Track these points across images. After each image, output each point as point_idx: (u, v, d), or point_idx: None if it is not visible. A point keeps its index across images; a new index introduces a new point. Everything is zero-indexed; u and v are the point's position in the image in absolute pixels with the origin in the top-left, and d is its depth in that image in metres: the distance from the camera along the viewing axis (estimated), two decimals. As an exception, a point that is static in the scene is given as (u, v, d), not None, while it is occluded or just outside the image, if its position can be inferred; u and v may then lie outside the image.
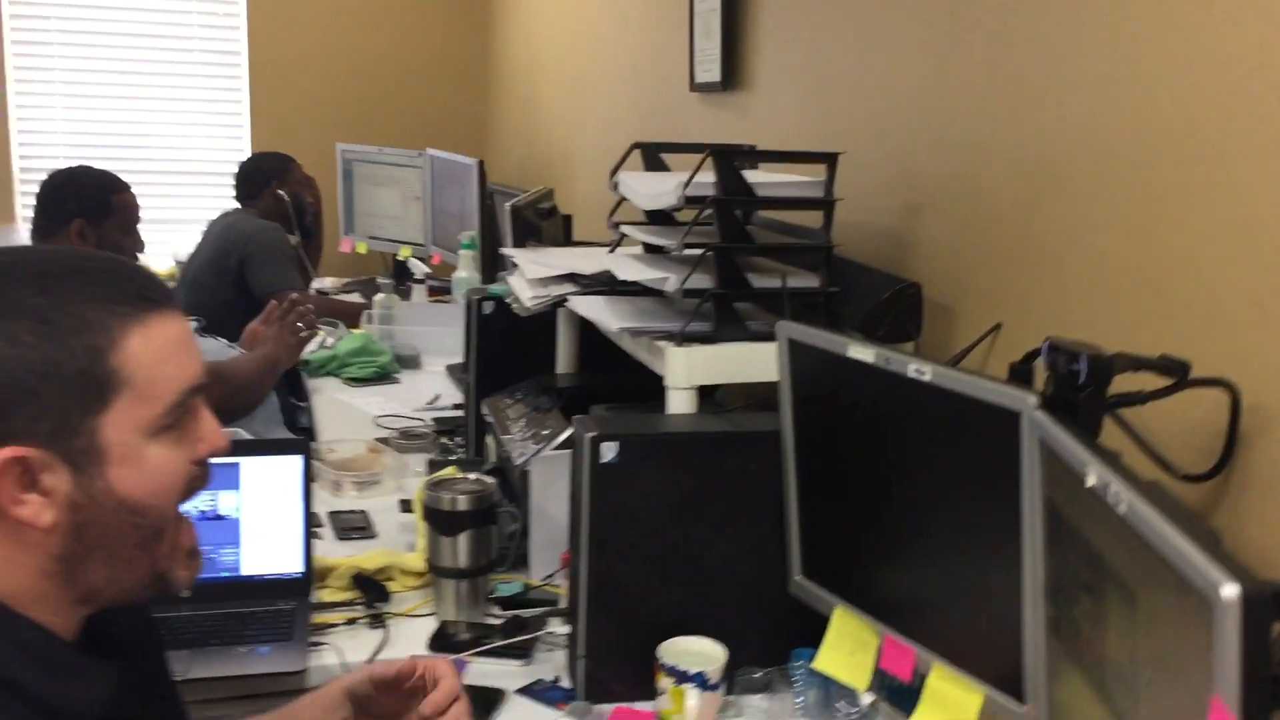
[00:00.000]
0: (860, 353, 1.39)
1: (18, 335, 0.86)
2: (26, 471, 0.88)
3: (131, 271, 0.94)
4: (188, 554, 1.00)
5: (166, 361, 0.92)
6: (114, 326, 0.89)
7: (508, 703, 1.60)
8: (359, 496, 2.33)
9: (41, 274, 0.90)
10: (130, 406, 0.90)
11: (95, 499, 0.90)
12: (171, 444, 0.94)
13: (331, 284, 4.58)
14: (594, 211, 3.37)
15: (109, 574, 0.93)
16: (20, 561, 0.90)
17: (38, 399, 0.86)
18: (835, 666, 1.50)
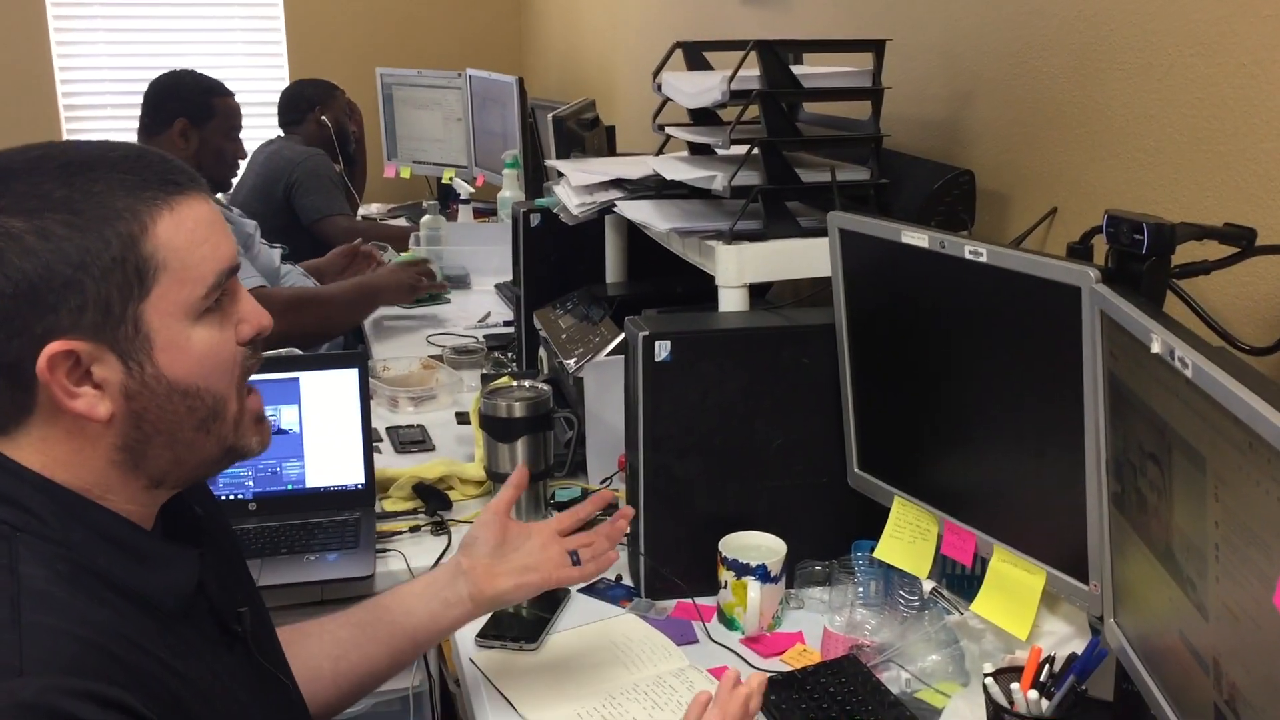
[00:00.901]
0: (914, 238, 1.37)
1: (49, 229, 0.86)
2: (78, 365, 0.89)
3: (154, 158, 0.94)
4: (255, 420, 1.01)
5: (201, 243, 0.92)
6: (143, 212, 0.89)
7: (571, 601, 1.62)
8: (415, 412, 2.35)
9: (65, 166, 0.89)
10: (170, 290, 0.91)
11: (147, 385, 0.91)
12: (215, 326, 0.95)
13: (377, 210, 4.59)
14: (637, 123, 3.34)
15: (173, 457, 0.95)
16: (87, 454, 0.92)
17: (79, 290, 0.87)
18: (896, 555, 1.50)
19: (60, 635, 0.82)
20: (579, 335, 2.03)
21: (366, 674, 1.29)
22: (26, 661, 0.79)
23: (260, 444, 1.02)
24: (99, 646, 0.83)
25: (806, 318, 1.64)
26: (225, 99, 2.92)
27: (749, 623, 1.52)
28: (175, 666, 0.89)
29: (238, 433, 0.99)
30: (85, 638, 0.83)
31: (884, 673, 1.41)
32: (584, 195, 1.99)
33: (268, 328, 1.00)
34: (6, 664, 0.79)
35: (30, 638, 0.81)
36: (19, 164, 0.89)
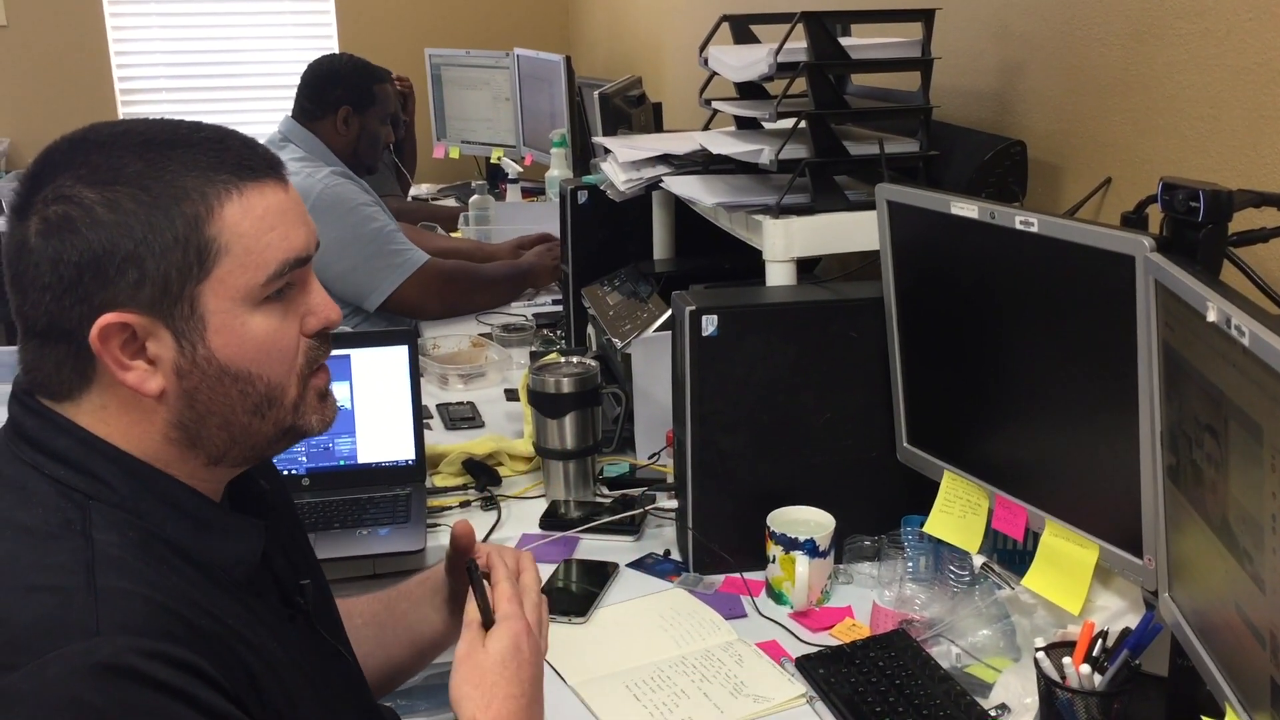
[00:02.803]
0: (964, 209, 1.35)
1: (118, 202, 0.88)
2: (133, 338, 0.90)
3: (236, 142, 0.95)
4: (319, 397, 1.01)
5: (268, 231, 0.92)
6: (210, 195, 0.90)
7: (620, 576, 1.63)
8: (465, 389, 2.37)
9: (145, 143, 0.91)
10: (231, 274, 0.91)
11: (198, 366, 0.92)
12: (278, 315, 0.95)
13: (426, 190, 4.61)
14: (684, 100, 3.32)
15: (229, 437, 0.96)
16: (144, 427, 0.93)
17: (139, 265, 0.88)
18: (946, 530, 1.49)
19: (134, 598, 0.84)
20: (627, 312, 2.04)
21: (394, 673, 1.30)
22: (102, 623, 0.81)
23: (321, 423, 1.02)
24: (171, 610, 0.85)
25: (854, 291, 1.63)
26: (384, 85, 2.98)
27: (797, 597, 1.52)
28: (242, 634, 0.91)
29: (297, 414, 0.99)
30: (158, 601, 0.85)
31: (934, 647, 1.40)
32: (631, 171, 1.99)
33: (335, 322, 1.00)
34: (83, 625, 0.81)
35: (105, 600, 0.83)
36: (104, 136, 0.91)
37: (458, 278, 2.81)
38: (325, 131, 2.84)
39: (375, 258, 2.65)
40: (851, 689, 1.32)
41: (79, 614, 0.82)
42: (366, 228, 2.66)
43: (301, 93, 2.89)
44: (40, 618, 0.81)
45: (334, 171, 2.73)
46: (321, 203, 2.60)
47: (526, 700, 1.03)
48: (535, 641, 1.07)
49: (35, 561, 0.85)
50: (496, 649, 1.03)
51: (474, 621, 1.06)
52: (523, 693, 1.02)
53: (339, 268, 2.59)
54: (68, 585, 0.83)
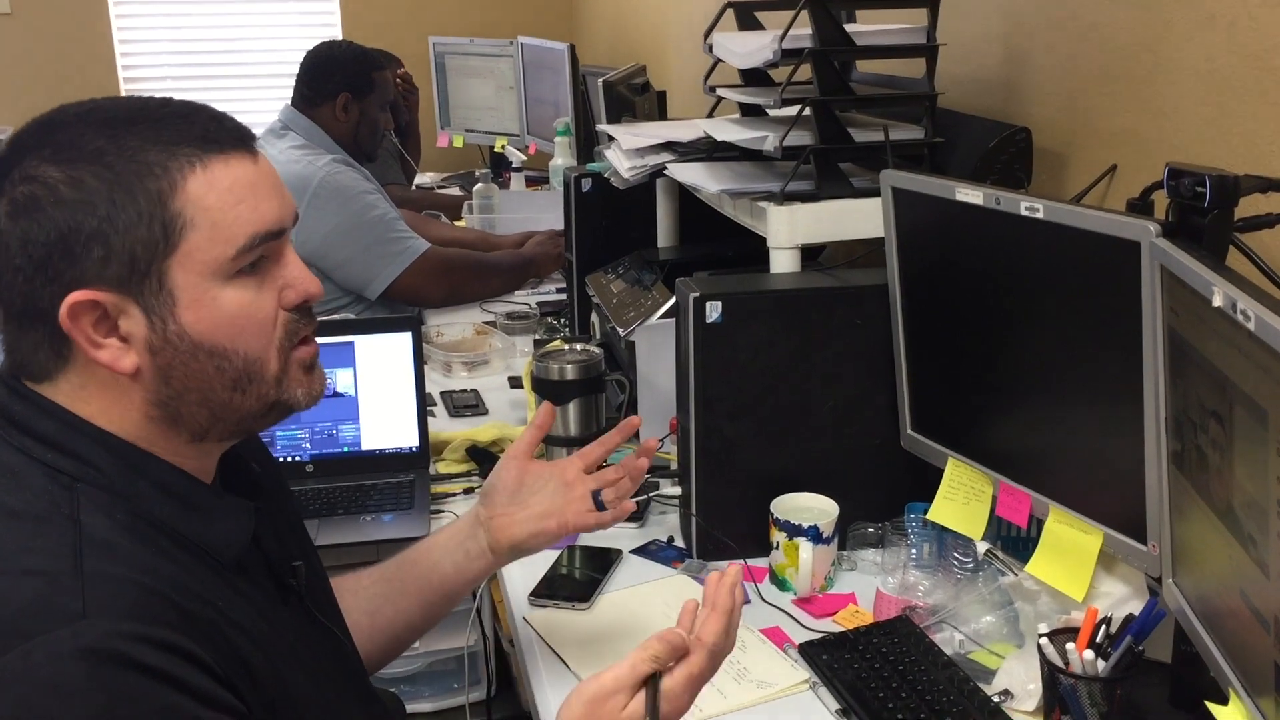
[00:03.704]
0: (969, 195, 1.35)
1: (82, 180, 0.87)
2: (104, 316, 0.89)
3: (203, 116, 0.93)
4: (304, 369, 1.00)
5: (235, 204, 0.91)
6: (174, 169, 0.89)
7: (623, 562, 1.63)
8: (469, 376, 2.37)
9: (109, 120, 0.90)
10: (197, 249, 0.90)
11: (171, 342, 0.91)
12: (251, 288, 0.94)
13: (431, 179, 4.61)
14: (688, 89, 3.32)
15: (210, 414, 0.95)
16: (124, 406, 0.93)
17: (105, 242, 0.88)
18: (950, 517, 1.49)
19: (121, 582, 0.84)
20: (631, 299, 2.03)
21: (402, 627, 1.31)
22: (89, 606, 0.81)
23: (308, 396, 1.01)
24: (159, 593, 0.85)
25: (859, 278, 1.62)
26: (382, 72, 2.98)
27: (801, 584, 1.52)
28: (232, 616, 0.91)
29: (280, 388, 0.98)
30: (146, 584, 0.85)
31: (937, 634, 1.40)
32: (635, 158, 1.98)
33: (315, 295, 0.99)
34: (70, 609, 0.81)
35: (92, 584, 0.82)
36: (70, 115, 0.91)
37: (459, 266, 2.81)
38: (325, 119, 2.84)
39: (376, 245, 2.65)
40: (855, 675, 1.33)
41: (65, 598, 0.81)
42: (367, 215, 2.66)
43: (301, 80, 2.89)
44: (27, 601, 0.81)
45: (335, 159, 2.73)
46: (323, 190, 2.60)
47: None
48: None
49: (23, 545, 0.85)
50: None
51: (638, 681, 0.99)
52: None
53: (340, 255, 2.59)
54: (55, 569, 0.83)
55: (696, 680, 1.01)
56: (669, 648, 1.00)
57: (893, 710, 1.26)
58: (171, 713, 0.80)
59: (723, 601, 1.04)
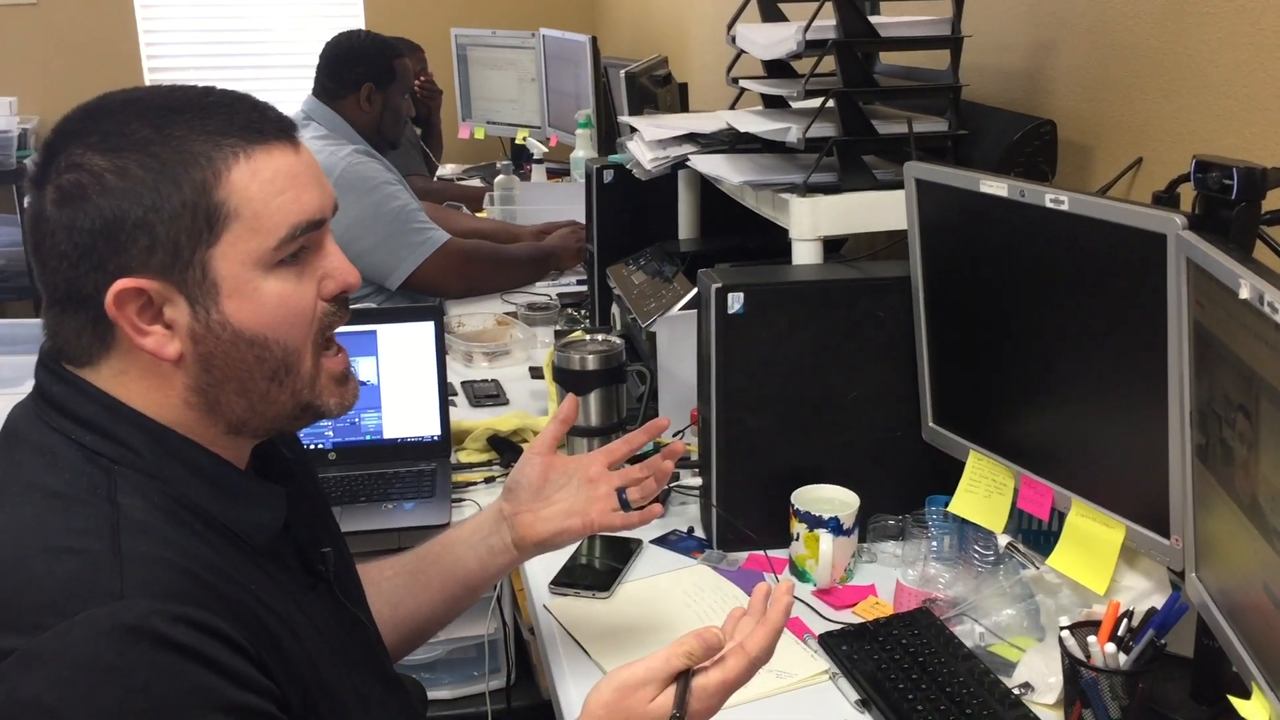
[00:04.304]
0: (993, 187, 1.35)
1: (127, 168, 0.88)
2: (149, 304, 0.90)
3: (245, 105, 0.94)
4: (336, 380, 1.01)
5: (277, 195, 0.92)
6: (217, 159, 0.90)
7: (643, 552, 1.63)
8: (490, 367, 2.38)
9: (154, 109, 0.91)
10: (240, 239, 0.91)
11: (213, 331, 0.92)
12: (292, 279, 0.94)
13: (452, 171, 4.62)
14: (710, 81, 3.31)
15: (247, 405, 0.96)
16: (164, 391, 0.94)
17: (150, 231, 0.88)
18: (971, 509, 1.49)
19: (158, 563, 0.85)
20: (652, 291, 2.04)
21: (425, 619, 1.32)
22: (127, 586, 0.82)
23: (339, 405, 1.01)
24: (194, 575, 0.86)
25: (881, 270, 1.62)
26: (403, 59, 2.98)
27: (821, 575, 1.52)
28: (264, 599, 0.92)
29: (314, 390, 0.98)
30: (181, 566, 0.86)
31: (957, 626, 1.40)
32: (657, 150, 1.98)
33: (354, 285, 1.00)
34: (108, 588, 0.82)
35: (130, 564, 0.84)
36: (117, 102, 0.92)
37: (479, 258, 2.82)
38: (349, 109, 2.84)
39: (396, 236, 2.66)
40: (874, 666, 1.33)
41: (104, 577, 0.82)
42: (388, 206, 2.66)
43: (322, 72, 2.89)
44: (66, 580, 0.82)
45: (357, 150, 2.74)
46: (344, 181, 2.61)
47: None
48: None
49: (62, 525, 0.86)
50: (651, 716, 0.98)
51: (670, 675, 0.99)
52: None
53: (360, 246, 2.60)
54: (93, 548, 0.84)
55: (730, 685, 1.01)
56: (704, 646, 1.00)
57: (912, 701, 1.26)
58: (205, 692, 0.82)
59: (775, 619, 1.04)
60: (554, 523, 1.30)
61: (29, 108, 4.55)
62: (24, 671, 0.79)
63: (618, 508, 1.31)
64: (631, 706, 0.98)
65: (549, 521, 1.31)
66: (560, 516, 1.30)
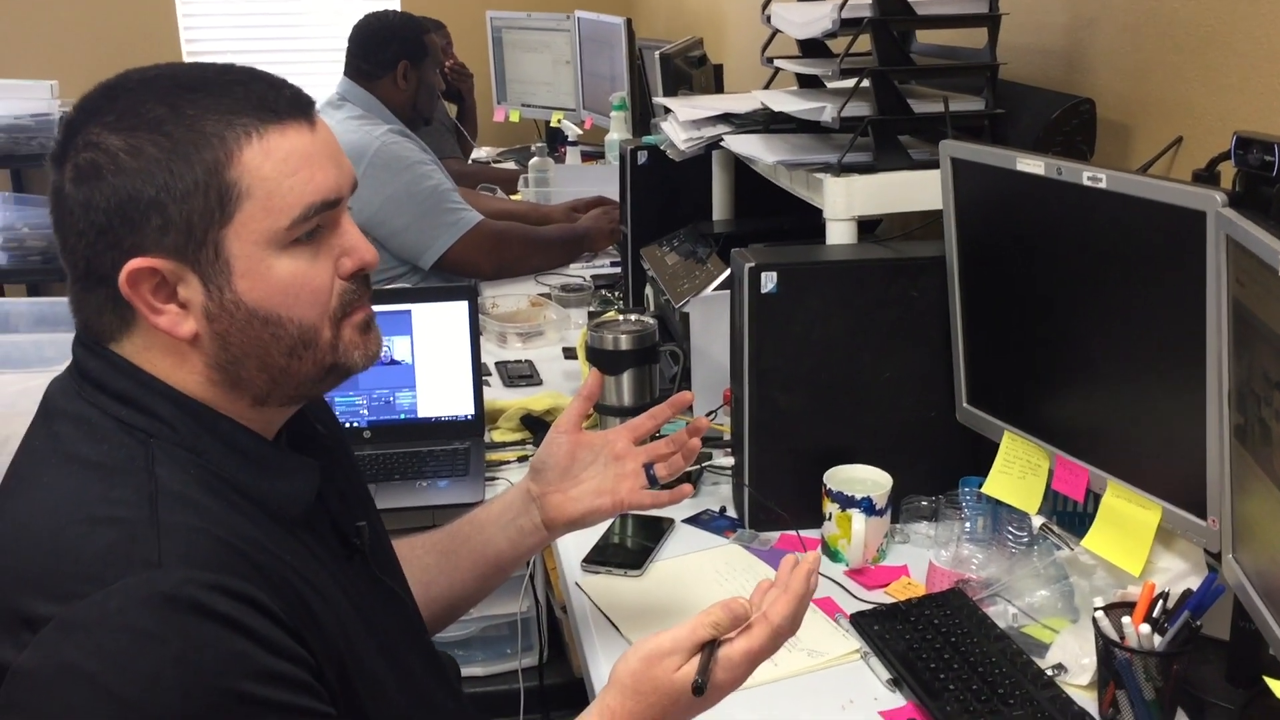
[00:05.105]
0: (1029, 165, 1.33)
1: (141, 148, 0.88)
2: (163, 283, 0.91)
3: (261, 84, 0.94)
4: (359, 330, 1.00)
5: (290, 175, 0.92)
6: (230, 139, 0.90)
7: (675, 531, 1.64)
8: (524, 347, 2.39)
9: (171, 88, 0.91)
10: (252, 219, 0.91)
11: (226, 310, 0.92)
12: (306, 258, 0.94)
13: (487, 153, 4.63)
14: (745, 63, 3.30)
15: (269, 379, 0.96)
16: (187, 369, 0.94)
17: (163, 211, 0.89)
18: (1005, 490, 1.48)
19: (195, 533, 0.86)
20: (685, 272, 2.04)
21: (457, 597, 1.32)
22: (164, 555, 0.83)
23: (365, 358, 1.01)
24: (230, 545, 0.87)
25: (915, 250, 1.61)
26: (432, 35, 3.00)
27: (853, 555, 1.52)
28: (300, 570, 0.93)
29: (337, 352, 0.98)
30: (218, 536, 0.87)
31: (990, 607, 1.40)
32: (691, 130, 1.98)
33: (371, 263, 0.99)
34: (146, 557, 0.83)
35: (168, 533, 0.85)
36: (134, 81, 0.92)
37: (511, 239, 2.82)
38: (384, 89, 2.86)
39: (429, 215, 2.67)
40: (906, 645, 1.33)
41: (142, 546, 0.84)
42: (421, 185, 2.68)
43: (355, 53, 2.90)
44: (104, 549, 0.84)
45: (391, 130, 2.75)
46: (378, 160, 2.62)
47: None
48: (701, 709, 1.02)
49: (100, 495, 0.87)
50: (676, 685, 0.99)
51: (695, 645, 1.00)
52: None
53: (394, 225, 2.62)
54: (131, 518, 0.85)
55: (755, 655, 1.01)
56: (730, 616, 1.01)
57: (944, 681, 1.26)
58: (242, 660, 0.83)
59: (796, 585, 1.04)
60: (584, 502, 1.31)
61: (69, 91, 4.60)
62: (62, 638, 0.80)
63: (646, 485, 1.30)
64: (657, 675, 0.99)
65: (578, 501, 1.31)
66: (590, 496, 1.31)
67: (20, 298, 4.32)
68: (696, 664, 0.99)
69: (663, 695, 0.99)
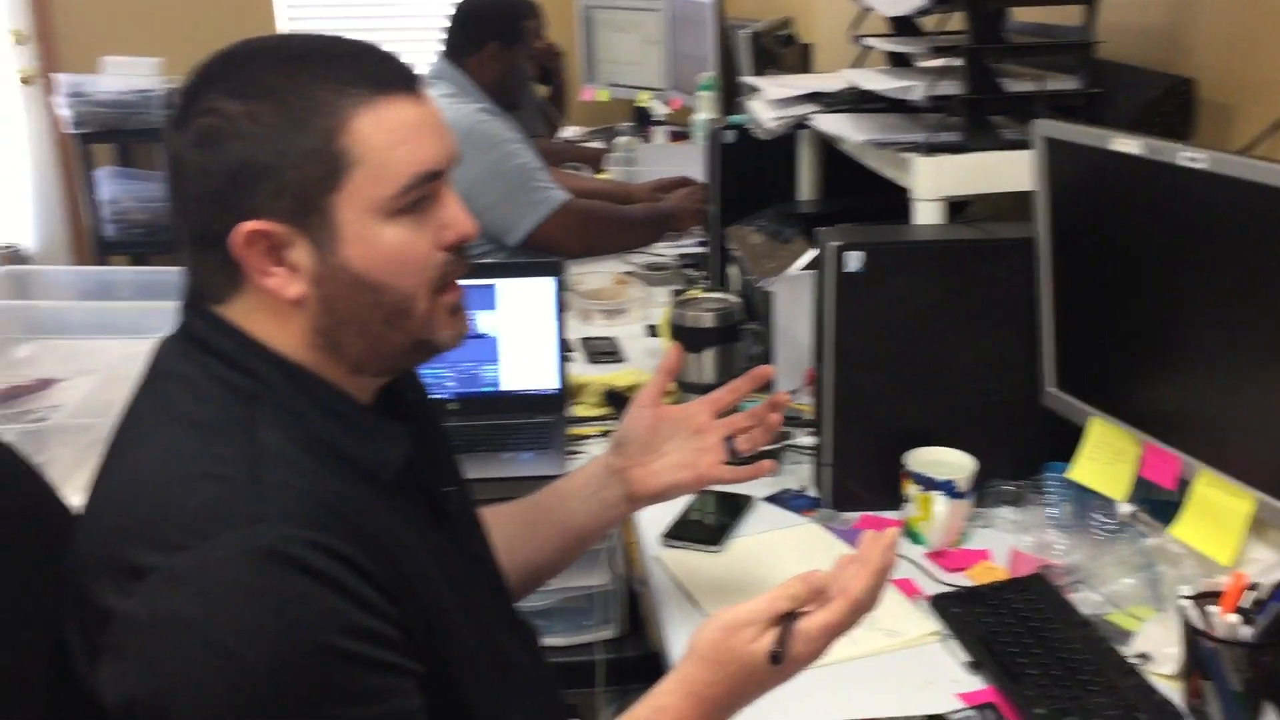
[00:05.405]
0: (1125, 145, 1.31)
1: (259, 114, 0.91)
2: (273, 246, 0.94)
3: (373, 56, 0.96)
4: (450, 311, 1.02)
5: (398, 145, 0.94)
6: (343, 108, 0.92)
7: (755, 509, 1.64)
8: (608, 324, 2.41)
9: (287, 57, 0.94)
10: (362, 187, 0.93)
11: (333, 274, 0.95)
12: (411, 227, 0.96)
13: (574, 133, 4.65)
14: (834, 44, 3.27)
15: (366, 345, 0.99)
16: (290, 332, 0.97)
17: (277, 176, 0.91)
18: (1092, 477, 1.46)
19: (293, 490, 0.89)
20: (770, 251, 2.03)
21: (538, 568, 1.34)
22: (264, 511, 0.86)
23: (453, 338, 1.03)
24: (327, 504, 0.90)
25: (1003, 231, 1.59)
26: (530, 21, 3.02)
27: (933, 537, 1.51)
28: (392, 532, 0.95)
29: (429, 327, 1.00)
30: (315, 495, 0.90)
31: (1073, 593, 1.38)
32: (779, 109, 1.97)
33: (471, 235, 1.01)
34: (246, 512, 0.86)
35: (268, 490, 0.88)
36: (251, 50, 0.95)
37: (597, 218, 2.84)
38: (473, 68, 2.89)
39: (517, 194, 2.69)
40: (985, 629, 1.32)
41: (243, 502, 0.87)
42: (510, 164, 2.70)
43: (451, 30, 2.94)
44: (207, 504, 0.87)
45: (481, 108, 2.78)
46: (467, 138, 2.64)
47: (725, 705, 1.02)
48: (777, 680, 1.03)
49: (204, 451, 0.91)
50: (753, 655, 1.00)
51: (773, 616, 1.01)
52: (731, 699, 1.02)
53: (481, 202, 2.65)
54: (234, 475, 0.89)
55: (832, 629, 1.02)
56: (809, 589, 1.01)
57: (1024, 665, 1.25)
58: (335, 616, 0.85)
59: (876, 560, 1.04)
60: (665, 476, 1.32)
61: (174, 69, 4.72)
62: (167, 588, 0.84)
63: (727, 459, 1.31)
64: (734, 646, 1.00)
65: (660, 475, 1.32)
66: (671, 470, 1.31)
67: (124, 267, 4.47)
68: (774, 635, 0.99)
69: (740, 665, 1.00)
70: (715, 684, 1.00)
